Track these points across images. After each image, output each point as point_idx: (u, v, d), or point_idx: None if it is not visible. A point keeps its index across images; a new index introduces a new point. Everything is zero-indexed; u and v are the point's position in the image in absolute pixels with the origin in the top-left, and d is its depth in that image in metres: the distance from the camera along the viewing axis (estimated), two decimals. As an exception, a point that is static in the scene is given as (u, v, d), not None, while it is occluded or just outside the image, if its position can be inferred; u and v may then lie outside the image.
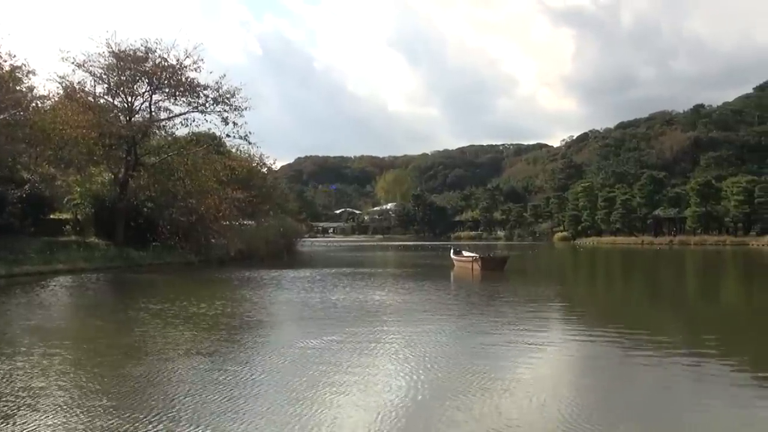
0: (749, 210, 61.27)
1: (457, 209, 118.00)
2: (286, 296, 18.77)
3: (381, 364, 9.41)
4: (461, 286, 22.63)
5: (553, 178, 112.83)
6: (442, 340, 11.94)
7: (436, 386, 8.20)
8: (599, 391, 8.45)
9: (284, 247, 40.98)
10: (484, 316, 14.94)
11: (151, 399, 7.37)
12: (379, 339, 11.63)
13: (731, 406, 7.52)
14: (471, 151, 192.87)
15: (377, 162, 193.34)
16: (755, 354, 10.82)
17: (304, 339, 11.68)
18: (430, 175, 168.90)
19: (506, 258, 29.84)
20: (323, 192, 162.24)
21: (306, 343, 11.28)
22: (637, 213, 72.11)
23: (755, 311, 17.22)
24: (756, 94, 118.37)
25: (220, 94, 34.78)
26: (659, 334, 12.83)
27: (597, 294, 22.99)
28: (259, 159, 48.54)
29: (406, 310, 15.88)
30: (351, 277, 25.42)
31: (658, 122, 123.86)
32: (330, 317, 14.75)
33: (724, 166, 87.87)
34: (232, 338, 11.85)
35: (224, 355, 10.18)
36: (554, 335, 12.64)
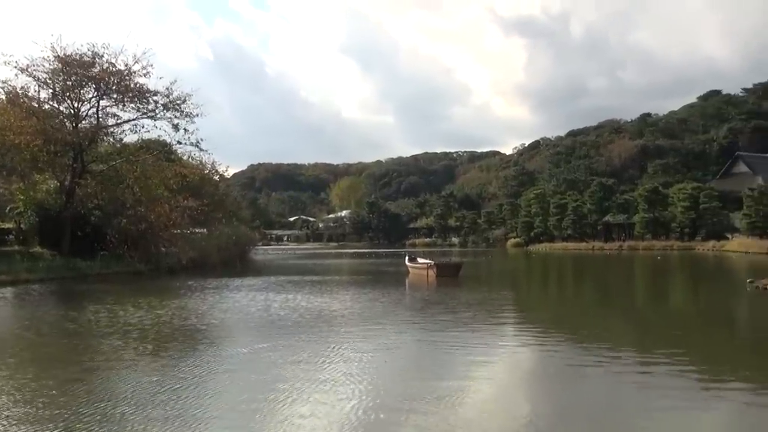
0: (695, 216, 63.01)
1: (412, 216, 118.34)
2: (229, 305, 18.43)
3: (311, 376, 9.10)
4: (416, 293, 22.54)
5: (506, 185, 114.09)
6: (394, 347, 11.83)
7: (382, 397, 8.01)
8: (550, 397, 8.45)
9: (237, 255, 40.50)
10: (438, 323, 14.87)
11: (63, 407, 7.36)
12: (318, 346, 11.44)
13: (678, 410, 7.61)
14: (425, 159, 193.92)
15: (331, 169, 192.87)
16: (702, 357, 11.00)
17: (234, 347, 11.51)
18: (384, 182, 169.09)
19: (461, 264, 29.94)
20: (277, 199, 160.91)
21: (234, 351, 11.09)
22: (588, 219, 73.44)
23: (701, 314, 17.59)
24: (700, 104, 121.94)
25: (170, 100, 34.14)
26: (609, 338, 12.98)
27: (549, 299, 23.23)
28: (211, 166, 47.93)
29: (354, 317, 15.70)
30: (303, 285, 25.21)
31: (607, 130, 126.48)
32: (270, 325, 14.55)
33: (671, 173, 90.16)
34: (159, 348, 11.58)
35: (146, 364, 10.01)
36: (507, 341, 12.68)
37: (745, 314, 17.63)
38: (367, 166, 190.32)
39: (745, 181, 71.52)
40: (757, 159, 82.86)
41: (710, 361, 10.65)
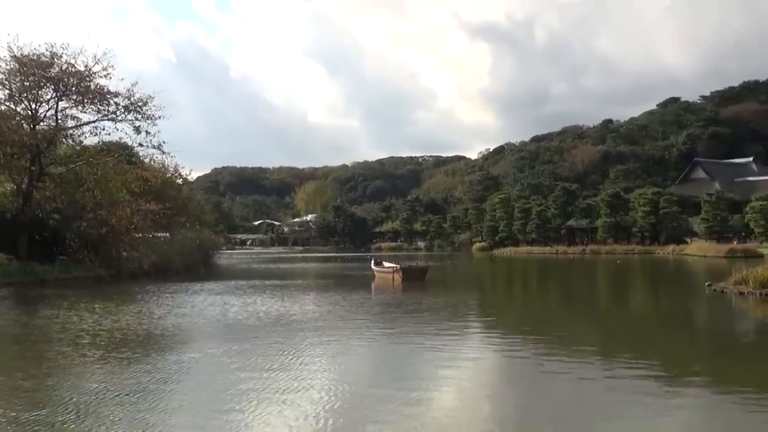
0: (655, 220, 64.23)
1: (378, 220, 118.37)
2: (186, 309, 18.13)
3: (263, 383, 8.92)
4: (382, 297, 22.48)
5: (471, 190, 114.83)
6: (355, 351, 11.77)
7: (341, 404, 7.92)
8: (516, 400, 8.46)
9: (201, 259, 39.97)
10: (403, 327, 14.81)
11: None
12: (273, 352, 11.32)
13: (642, 411, 7.70)
14: (391, 163, 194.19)
15: (297, 173, 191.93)
16: (663, 358, 11.15)
17: (185, 353, 11.35)
18: (350, 186, 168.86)
19: (426, 268, 29.98)
20: (241, 203, 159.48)
21: (185, 356, 10.93)
22: (552, 223, 74.36)
23: (661, 317, 17.89)
24: (659, 111, 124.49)
25: (131, 102, 33.51)
26: (573, 341, 13.08)
27: (514, 303, 23.38)
28: (173, 169, 47.27)
29: (315, 321, 15.58)
30: (265, 289, 25.03)
31: (570, 136, 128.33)
32: (226, 330, 14.38)
33: (632, 178, 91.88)
34: (109, 354, 11.33)
35: (93, 371, 9.82)
36: (472, 345, 12.73)
37: (704, 316, 17.97)
38: (332, 170, 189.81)
39: (703, 186, 73.24)
40: (714, 165, 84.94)
41: (671, 363, 10.79)
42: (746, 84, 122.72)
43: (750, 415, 7.54)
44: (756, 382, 9.27)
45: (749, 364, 10.92)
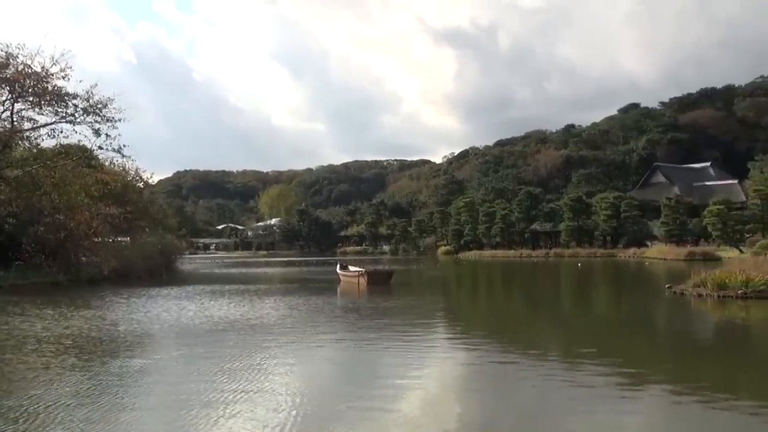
0: (616, 224, 65.24)
1: (343, 224, 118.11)
2: (140, 315, 17.77)
3: (210, 389, 8.75)
4: (347, 301, 22.36)
5: (436, 194, 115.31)
6: (322, 355, 11.66)
7: (312, 405, 7.82)
8: (481, 403, 8.46)
9: (163, 264, 39.33)
10: (367, 330, 14.75)
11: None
12: (223, 357, 11.15)
13: (604, 411, 7.82)
14: (356, 167, 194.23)
15: (261, 177, 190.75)
16: (625, 359, 11.29)
17: (132, 359, 11.17)
18: (315, 190, 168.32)
19: (392, 272, 29.95)
20: (204, 207, 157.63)
21: (131, 363, 10.74)
22: (516, 227, 74.99)
23: (623, 319, 18.15)
24: (620, 116, 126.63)
25: (90, 104, 32.81)
26: (537, 342, 13.20)
27: (478, 306, 23.48)
28: (134, 173, 46.47)
29: (277, 325, 15.41)
30: (226, 293, 24.73)
31: (533, 140, 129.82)
32: (179, 336, 14.17)
33: (594, 182, 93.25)
34: (53, 361, 11.06)
35: (34, 378, 9.59)
36: (438, 347, 12.74)
37: (664, 318, 18.27)
38: (297, 173, 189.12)
39: (663, 190, 74.69)
40: (673, 170, 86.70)
41: (633, 363, 10.92)
42: (703, 91, 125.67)
43: (709, 413, 7.70)
44: (714, 381, 9.47)
45: (707, 364, 11.16)
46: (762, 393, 8.74)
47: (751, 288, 18.89)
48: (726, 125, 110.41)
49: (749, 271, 19.78)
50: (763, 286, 18.92)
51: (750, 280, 19.15)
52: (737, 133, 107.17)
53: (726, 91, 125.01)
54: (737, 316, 17.04)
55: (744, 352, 12.58)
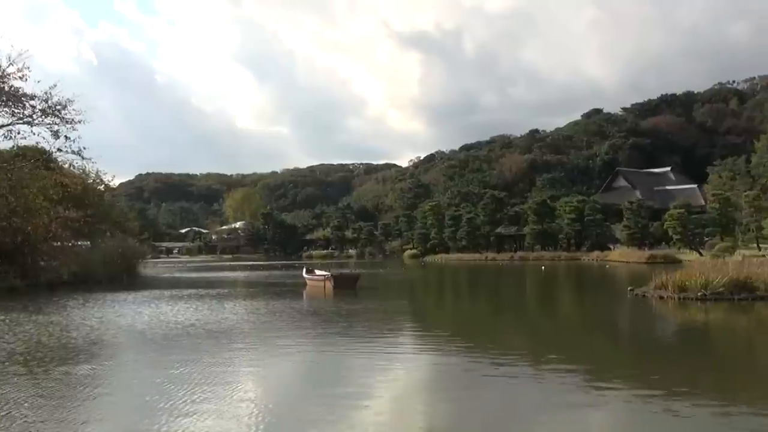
0: (580, 227, 66.11)
1: (308, 228, 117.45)
2: (92, 322, 17.33)
3: (156, 398, 8.48)
4: (313, 305, 22.20)
5: (402, 198, 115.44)
6: (287, 360, 11.53)
7: (270, 413, 7.69)
8: (448, 405, 8.44)
9: (124, 269, 38.62)
10: (333, 334, 14.62)
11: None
12: (174, 363, 10.94)
13: (570, 411, 7.89)
14: (321, 170, 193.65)
15: (225, 180, 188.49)
16: (589, 360, 11.40)
17: (79, 364, 10.89)
18: (280, 193, 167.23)
19: (358, 276, 29.85)
20: (167, 211, 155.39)
21: (72, 369, 10.47)
22: (481, 231, 75.43)
23: (587, 321, 18.35)
24: (583, 121, 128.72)
25: (49, 105, 32.01)
26: (503, 345, 13.25)
27: (444, 308, 23.53)
28: (95, 175, 45.46)
29: (239, 330, 15.21)
30: (189, 298, 24.33)
31: (498, 145, 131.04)
32: (131, 342, 13.89)
33: (558, 186, 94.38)
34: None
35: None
36: (404, 350, 12.68)
37: (627, 320, 18.51)
38: (262, 176, 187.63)
39: (625, 194, 75.96)
40: (635, 174, 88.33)
41: (597, 365, 11.04)
42: (664, 97, 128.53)
43: (671, 413, 7.78)
44: (676, 381, 9.59)
45: (670, 365, 11.29)
46: (722, 392, 8.87)
47: (710, 290, 19.27)
48: (686, 131, 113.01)
49: (708, 274, 20.16)
50: (722, 288, 19.33)
51: (709, 282, 19.52)
52: (696, 139, 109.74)
53: (686, 97, 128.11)
54: (697, 318, 17.34)
55: (704, 352, 12.79)
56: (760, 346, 13.71)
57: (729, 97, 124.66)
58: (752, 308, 18.31)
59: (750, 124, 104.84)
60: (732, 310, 18.10)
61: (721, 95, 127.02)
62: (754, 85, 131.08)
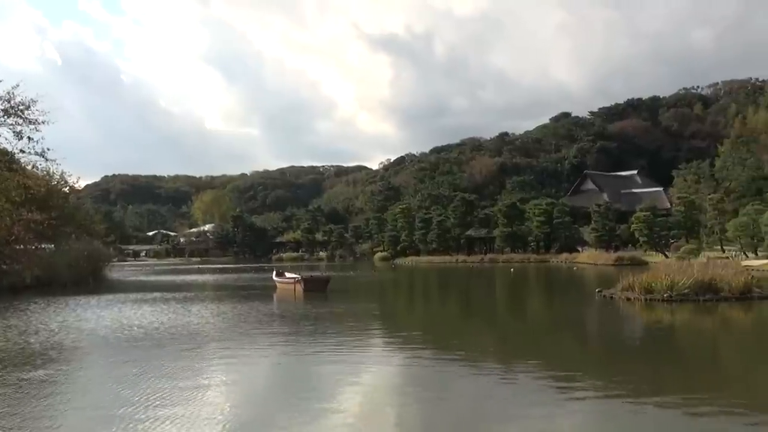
0: (549, 230, 66.73)
1: (279, 230, 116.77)
2: (54, 326, 16.95)
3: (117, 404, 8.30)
4: (283, 308, 22.01)
5: (372, 200, 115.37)
6: (255, 363, 11.40)
7: (243, 418, 7.57)
8: (419, 408, 8.41)
9: (90, 272, 37.95)
10: (304, 337, 14.50)
11: None
12: (134, 368, 10.74)
13: (539, 412, 7.95)
14: (292, 172, 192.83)
15: (193, 182, 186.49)
16: (558, 361, 11.48)
17: (33, 370, 10.66)
18: (249, 195, 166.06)
19: (329, 278, 29.73)
20: (134, 213, 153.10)
21: (30, 375, 10.25)
22: (452, 233, 75.73)
23: (556, 322, 18.50)
24: (552, 125, 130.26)
25: (11, 105, 31.27)
26: (474, 347, 13.27)
27: (415, 311, 23.52)
28: (59, 177, 44.54)
29: (204, 334, 15.00)
30: (157, 301, 23.98)
31: (468, 148, 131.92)
32: (89, 347, 13.62)
33: (527, 189, 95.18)
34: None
35: None
36: (375, 353, 12.64)
37: (595, 321, 18.69)
38: (231, 178, 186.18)
39: (593, 197, 76.89)
40: (602, 177, 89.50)
41: (566, 365, 11.11)
42: (630, 102, 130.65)
43: (639, 412, 7.88)
44: (643, 381, 9.72)
45: (637, 365, 11.43)
46: (687, 391, 8.97)
47: (676, 291, 19.59)
48: (651, 134, 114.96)
49: (674, 276, 20.46)
50: (687, 289, 19.65)
51: (675, 284, 19.83)
52: (662, 143, 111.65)
53: (651, 102, 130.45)
54: (663, 319, 17.56)
55: (670, 352, 12.93)
56: (724, 346, 13.93)
57: (693, 102, 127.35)
58: (716, 309, 18.64)
59: (714, 129, 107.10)
60: (697, 311, 18.38)
61: (686, 100, 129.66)
62: (717, 90, 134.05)
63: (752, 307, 19.21)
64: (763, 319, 18.09)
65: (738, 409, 8.03)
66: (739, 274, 21.78)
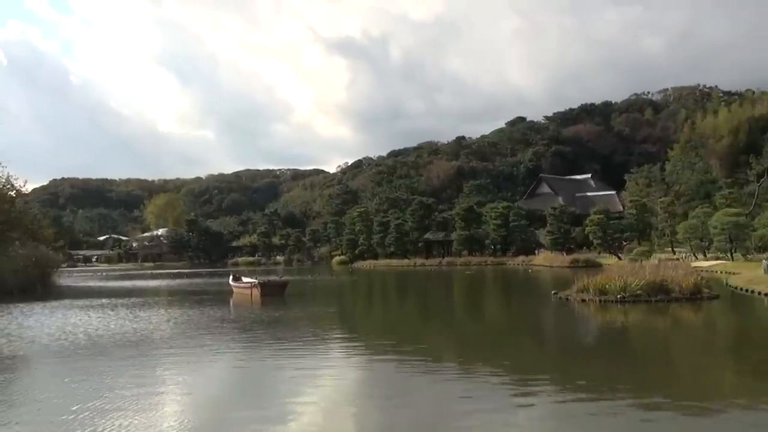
0: (505, 233, 67.42)
1: (235, 234, 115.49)
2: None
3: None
4: (240, 313, 21.64)
5: (330, 204, 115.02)
6: (214, 369, 11.15)
7: (194, 428, 7.33)
8: (377, 412, 8.32)
9: (37, 278, 36.74)
10: (261, 342, 14.26)
11: None
12: (81, 378, 10.39)
13: (496, 414, 7.99)
14: (248, 176, 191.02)
15: (146, 185, 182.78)
16: (515, 363, 11.52)
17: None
18: (205, 199, 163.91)
19: (286, 283, 29.42)
20: (85, 217, 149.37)
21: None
22: (410, 237, 75.89)
23: (512, 324, 18.64)
24: (508, 129, 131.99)
25: (-46, 105, 30.19)
26: (432, 350, 13.23)
27: (373, 315, 23.43)
28: (5, 181, 43.17)
29: (160, 340, 14.63)
30: (106, 308, 23.36)
31: (425, 151, 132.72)
32: (31, 355, 13.13)
33: (484, 193, 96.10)
34: None
35: None
36: (332, 358, 12.52)
37: (551, 322, 18.87)
38: (185, 182, 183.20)
39: (548, 200, 78.03)
40: (557, 181, 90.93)
41: (523, 367, 11.15)
42: (584, 106, 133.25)
43: (595, 412, 7.92)
44: (599, 382, 9.80)
45: (592, 365, 11.55)
46: (642, 392, 9.04)
47: (629, 293, 19.92)
48: (604, 139, 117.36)
49: (627, 277, 20.81)
50: (640, 291, 20.01)
51: (628, 285, 20.17)
52: (615, 147, 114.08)
53: (604, 107, 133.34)
54: (617, 320, 17.80)
55: (624, 353, 13.11)
56: (675, 345, 14.18)
57: (644, 107, 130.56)
58: (668, 309, 19.02)
59: (664, 134, 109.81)
60: (649, 311, 18.70)
61: (637, 105, 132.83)
62: (667, 96, 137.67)
63: (702, 307, 19.66)
64: (712, 318, 18.52)
65: (688, 403, 8.24)
66: (689, 275, 22.30)
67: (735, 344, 14.37)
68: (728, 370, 11.19)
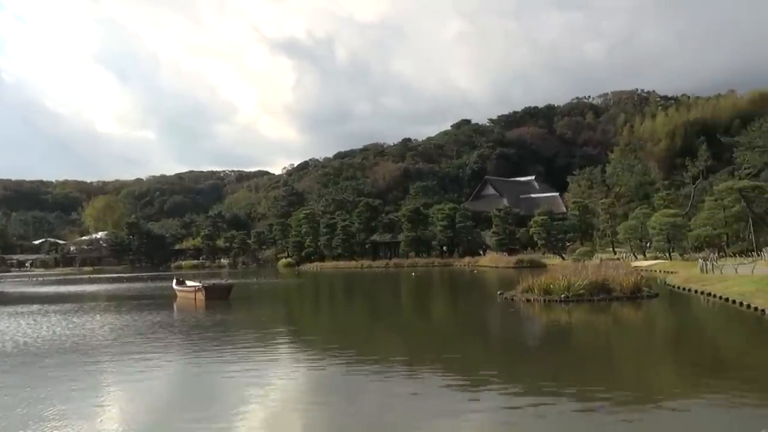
0: (452, 234, 68.01)
1: (178, 237, 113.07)
2: None
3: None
4: (183, 317, 21.14)
5: (275, 205, 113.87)
6: (155, 376, 10.82)
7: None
8: (327, 414, 8.25)
9: (-33, 284, 35.16)
10: (205, 348, 13.92)
11: None
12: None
13: (445, 414, 7.99)
14: (190, 177, 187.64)
15: (84, 187, 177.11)
16: (462, 362, 11.58)
17: None
18: (146, 201, 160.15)
19: (231, 286, 28.97)
20: (18, 220, 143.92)
21: None
22: (357, 238, 75.79)
23: (459, 324, 18.77)
24: (453, 131, 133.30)
25: None
26: (379, 351, 13.17)
27: (320, 317, 23.29)
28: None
29: (99, 347, 14.18)
30: (38, 314, 22.52)
31: (371, 153, 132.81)
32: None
33: (430, 194, 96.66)
34: None
35: None
36: (279, 362, 12.38)
37: (497, 322, 19.07)
38: (125, 184, 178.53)
39: (493, 202, 79.11)
40: (502, 183, 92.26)
41: (470, 367, 11.21)
42: (528, 109, 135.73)
43: (540, 410, 8.02)
44: (543, 379, 9.94)
45: (537, 364, 11.75)
46: (584, 388, 9.18)
47: (572, 292, 20.33)
48: (548, 141, 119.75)
49: (570, 277, 21.22)
50: (582, 290, 20.42)
51: (571, 285, 20.58)
52: (557, 149, 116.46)
53: (547, 110, 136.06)
54: (561, 319, 18.10)
55: (567, 351, 13.31)
56: (616, 343, 14.49)
57: (586, 110, 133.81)
58: (609, 308, 19.46)
59: (605, 137, 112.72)
60: (592, 310, 19.09)
61: (579, 109, 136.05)
62: (607, 100, 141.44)
63: (641, 305, 20.18)
64: (651, 316, 19.01)
65: (627, 397, 8.50)
66: (629, 274, 22.89)
67: (673, 341, 14.77)
68: (666, 365, 11.49)
